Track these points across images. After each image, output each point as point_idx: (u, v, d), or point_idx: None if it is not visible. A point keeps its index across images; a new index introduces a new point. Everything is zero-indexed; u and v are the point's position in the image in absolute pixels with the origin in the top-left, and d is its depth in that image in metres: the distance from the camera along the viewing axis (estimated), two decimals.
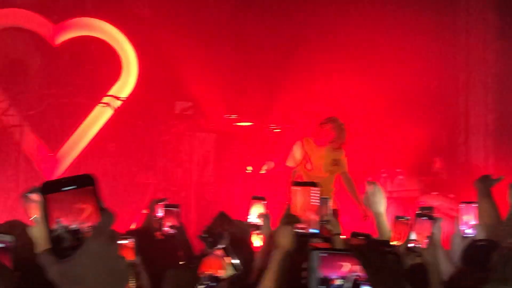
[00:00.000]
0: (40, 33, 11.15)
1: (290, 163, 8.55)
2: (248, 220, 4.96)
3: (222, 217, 4.56)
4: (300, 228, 2.76)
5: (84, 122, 11.36)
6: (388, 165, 11.24)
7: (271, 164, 11.43)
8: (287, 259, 2.72)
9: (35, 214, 3.71)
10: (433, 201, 9.80)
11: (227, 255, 3.23)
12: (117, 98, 11.38)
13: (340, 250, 2.49)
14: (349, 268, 2.25)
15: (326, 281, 2.22)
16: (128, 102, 11.45)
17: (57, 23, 11.24)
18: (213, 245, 4.19)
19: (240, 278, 3.92)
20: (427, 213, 4.11)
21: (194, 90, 11.46)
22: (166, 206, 5.02)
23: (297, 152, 8.47)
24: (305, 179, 7.98)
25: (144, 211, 5.79)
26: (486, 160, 11.08)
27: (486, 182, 5.03)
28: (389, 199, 10.11)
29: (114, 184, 10.88)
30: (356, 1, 11.53)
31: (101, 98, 11.39)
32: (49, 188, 1.46)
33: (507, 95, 10.90)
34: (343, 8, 11.37)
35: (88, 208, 1.46)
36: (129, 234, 4.37)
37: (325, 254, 2.25)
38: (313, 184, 2.81)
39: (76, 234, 1.42)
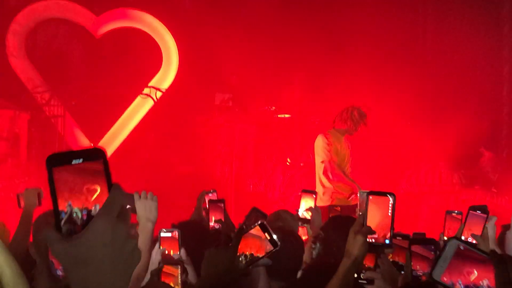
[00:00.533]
0: (82, 25, 11.26)
1: (320, 158, 8.15)
2: (298, 214, 4.92)
3: (255, 213, 4.54)
4: (372, 239, 2.70)
5: (125, 113, 11.45)
6: (430, 158, 11.13)
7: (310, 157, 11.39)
8: (355, 269, 2.68)
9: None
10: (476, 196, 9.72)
11: (264, 232, 3.21)
12: (158, 89, 11.44)
13: (480, 250, 2.35)
14: (476, 276, 2.14)
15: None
16: (169, 93, 11.50)
17: (98, 14, 11.32)
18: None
19: (287, 270, 3.90)
20: (481, 209, 3.98)
21: (234, 82, 11.45)
22: (211, 201, 4.99)
23: (324, 145, 8.15)
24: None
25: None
26: None
27: None
28: (431, 192, 10.04)
29: (154, 174, 10.94)
30: None
31: (142, 89, 11.46)
32: (55, 161, 1.36)
33: None
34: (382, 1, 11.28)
35: (98, 188, 1.36)
36: (175, 226, 4.36)
37: (463, 248, 2.17)
38: (390, 194, 2.76)
39: (87, 218, 1.32)
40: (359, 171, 10.93)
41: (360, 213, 2.69)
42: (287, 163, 11.44)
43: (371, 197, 2.71)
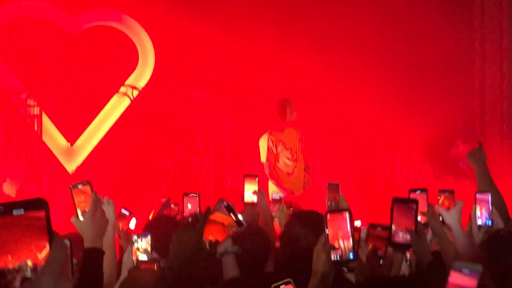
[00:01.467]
0: (57, 25, 11.24)
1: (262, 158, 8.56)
2: (244, 199, 4.97)
3: (222, 204, 4.62)
4: (335, 255, 2.79)
5: (102, 112, 11.45)
6: (404, 151, 11.26)
7: None
8: (324, 286, 2.77)
9: None
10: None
11: (230, 212, 3.27)
12: (134, 87, 11.45)
13: None
14: None
15: None
16: (146, 91, 11.52)
17: (73, 14, 11.30)
18: None
19: (255, 267, 3.98)
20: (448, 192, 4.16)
21: (211, 78, 11.50)
22: (185, 194, 5.06)
23: (264, 145, 8.56)
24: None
25: (163, 200, 5.83)
26: (501, 145, 11.04)
27: (477, 156, 4.99)
28: (405, 185, 10.16)
29: (133, 173, 10.97)
30: None
31: (118, 88, 11.47)
32: None
33: None
34: None
35: (41, 243, 1.27)
36: (145, 228, 4.40)
37: None
38: (347, 210, 2.85)
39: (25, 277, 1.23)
40: (334, 164, 11.05)
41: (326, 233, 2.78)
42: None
43: (328, 216, 2.81)
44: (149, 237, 3.61)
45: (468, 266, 2.22)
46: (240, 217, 3.31)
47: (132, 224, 5.19)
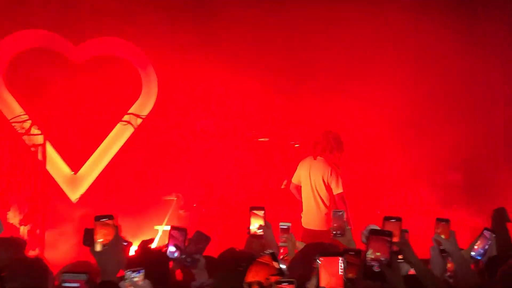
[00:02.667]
0: (62, 54, 11.28)
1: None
2: (250, 232, 4.98)
3: (199, 236, 4.62)
4: None
5: (105, 140, 11.45)
6: (408, 179, 11.21)
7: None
8: None
9: None
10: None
11: (273, 261, 3.27)
12: (138, 116, 11.47)
13: None
14: None
15: None
16: (149, 119, 11.53)
17: (77, 43, 11.36)
18: (192, 265, 4.23)
19: None
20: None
21: (215, 107, 11.51)
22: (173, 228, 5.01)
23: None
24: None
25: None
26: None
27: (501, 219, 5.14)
28: (410, 212, 10.11)
29: (136, 201, 10.94)
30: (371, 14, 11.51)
31: (122, 117, 11.49)
32: None
33: None
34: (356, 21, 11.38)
35: None
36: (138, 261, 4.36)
37: None
38: (340, 254, 2.86)
39: None
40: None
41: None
42: (282, 187, 11.40)
43: (321, 260, 2.80)
44: (142, 273, 3.57)
45: None
46: (283, 266, 3.33)
47: (132, 251, 5.17)
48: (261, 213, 5.01)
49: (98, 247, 3.24)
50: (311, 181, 9.11)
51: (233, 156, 11.49)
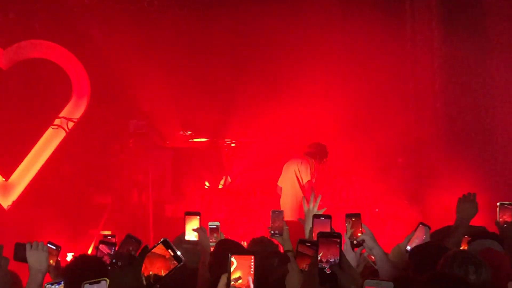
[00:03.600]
0: None
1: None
2: (186, 237, 4.91)
3: (129, 239, 4.62)
4: None
5: (36, 145, 11.25)
6: (345, 173, 11.32)
7: (228, 179, 11.48)
8: None
9: None
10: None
11: (167, 249, 3.24)
12: (70, 119, 11.31)
13: None
14: None
15: None
16: (81, 123, 11.38)
17: (5, 47, 11.12)
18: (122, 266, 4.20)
19: None
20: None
21: (148, 108, 11.42)
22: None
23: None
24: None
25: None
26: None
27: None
28: (346, 207, 10.22)
29: (70, 206, 10.78)
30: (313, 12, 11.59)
31: (53, 121, 11.30)
32: None
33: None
34: (295, 15, 11.45)
35: None
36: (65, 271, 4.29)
37: None
38: (252, 253, 2.85)
39: None
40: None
41: None
42: (206, 187, 11.45)
43: (232, 259, 2.82)
44: (62, 285, 3.51)
45: (379, 284, 2.31)
46: (178, 252, 3.28)
47: (70, 256, 5.11)
48: (196, 218, 4.96)
49: None
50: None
51: (167, 157, 11.43)
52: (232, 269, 2.81)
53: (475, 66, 10.58)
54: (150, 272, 3.18)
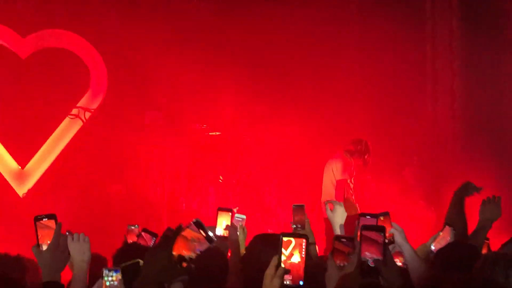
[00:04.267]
0: (8, 46, 11.08)
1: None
2: (216, 232, 4.95)
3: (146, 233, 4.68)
4: (288, 280, 2.73)
5: (53, 134, 11.29)
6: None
7: (243, 174, 11.48)
8: None
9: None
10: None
11: (199, 229, 3.24)
12: (87, 109, 11.34)
13: None
14: None
15: None
16: (98, 113, 11.41)
17: (25, 36, 11.16)
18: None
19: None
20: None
21: (165, 100, 11.44)
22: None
23: None
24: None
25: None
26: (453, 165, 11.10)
27: (462, 192, 5.18)
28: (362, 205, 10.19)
29: (85, 196, 10.81)
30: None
31: (70, 110, 11.33)
32: None
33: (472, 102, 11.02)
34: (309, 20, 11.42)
35: None
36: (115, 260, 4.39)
37: None
38: (304, 236, 2.80)
39: None
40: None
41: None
42: (220, 181, 11.46)
43: (284, 239, 2.75)
44: (119, 273, 3.54)
45: None
46: (210, 233, 3.29)
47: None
48: (228, 214, 5.00)
49: (41, 247, 3.26)
50: None
51: (182, 150, 11.44)
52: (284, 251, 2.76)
53: (494, 66, 10.54)
54: (183, 251, 3.20)
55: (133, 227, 5.63)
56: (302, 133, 11.12)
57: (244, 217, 5.42)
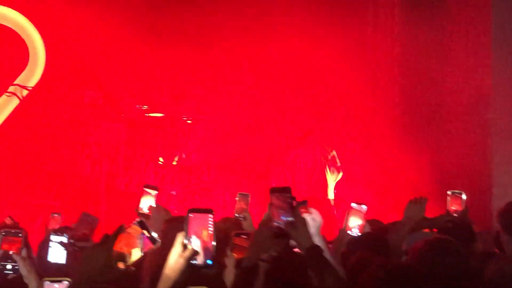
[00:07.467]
0: None
1: None
2: (139, 211, 4.63)
3: (86, 217, 4.58)
4: (196, 259, 2.64)
5: None
6: None
7: (183, 156, 11.42)
8: None
9: None
10: None
11: (143, 229, 3.21)
12: (24, 87, 11.13)
13: None
14: None
15: None
16: (36, 91, 11.20)
17: None
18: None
19: None
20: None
21: (105, 80, 11.29)
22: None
23: None
24: None
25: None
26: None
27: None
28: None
29: (21, 175, 10.63)
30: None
31: (6, 88, 11.09)
32: None
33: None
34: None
35: None
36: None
37: None
38: (209, 211, 2.70)
39: None
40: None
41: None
42: (160, 162, 11.39)
43: (191, 215, 2.66)
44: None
45: None
46: (154, 234, 3.24)
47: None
48: (153, 192, 4.75)
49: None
50: None
51: (121, 131, 11.31)
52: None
53: (434, 51, 10.69)
54: (124, 252, 3.15)
55: (56, 215, 5.66)
56: (245, 114, 11.17)
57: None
